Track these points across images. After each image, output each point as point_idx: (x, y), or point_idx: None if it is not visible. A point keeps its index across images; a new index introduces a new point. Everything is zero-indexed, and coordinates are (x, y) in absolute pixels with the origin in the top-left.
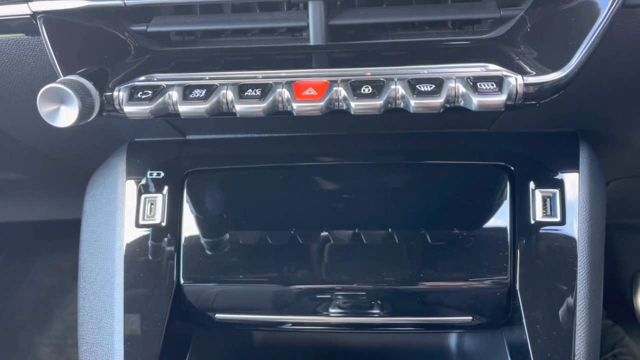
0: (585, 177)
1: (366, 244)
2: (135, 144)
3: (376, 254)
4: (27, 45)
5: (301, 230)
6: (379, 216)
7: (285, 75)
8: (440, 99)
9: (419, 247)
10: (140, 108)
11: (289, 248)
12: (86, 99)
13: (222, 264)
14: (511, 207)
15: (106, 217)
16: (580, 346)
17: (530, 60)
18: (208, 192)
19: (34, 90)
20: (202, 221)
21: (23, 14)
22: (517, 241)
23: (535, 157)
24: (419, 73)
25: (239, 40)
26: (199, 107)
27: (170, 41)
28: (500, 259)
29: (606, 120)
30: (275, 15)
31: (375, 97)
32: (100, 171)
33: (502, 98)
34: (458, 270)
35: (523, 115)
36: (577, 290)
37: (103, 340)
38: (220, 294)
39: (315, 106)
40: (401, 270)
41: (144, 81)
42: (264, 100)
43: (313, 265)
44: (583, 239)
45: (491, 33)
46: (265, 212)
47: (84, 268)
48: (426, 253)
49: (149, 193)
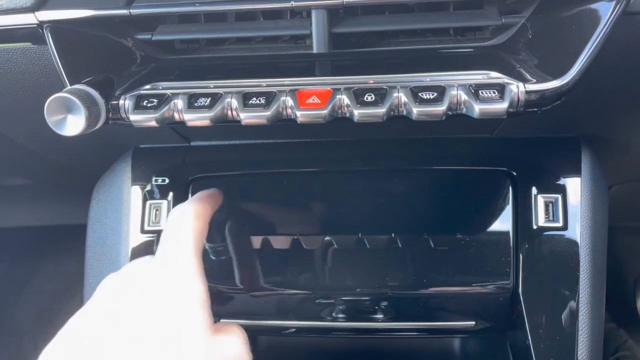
0: (587, 181)
1: (369, 249)
2: (140, 150)
3: (380, 259)
4: (33, 54)
5: (305, 236)
6: (382, 222)
7: (289, 83)
8: (443, 106)
9: (422, 252)
10: (145, 116)
11: (293, 253)
12: (93, 107)
13: (226, 270)
14: (514, 212)
15: (112, 223)
16: (583, 350)
17: (531, 68)
18: None
19: (41, 98)
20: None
21: (30, 23)
22: (520, 246)
23: (537, 163)
24: (422, 81)
25: (242, 48)
26: (204, 115)
27: (175, 49)
28: (503, 264)
29: (608, 125)
30: (278, 24)
31: (378, 104)
32: (105, 177)
33: (504, 106)
34: (461, 275)
35: (525, 120)
36: (580, 294)
37: None
38: (224, 300)
39: (319, 114)
40: (405, 275)
41: (149, 90)
42: (268, 109)
43: (317, 271)
44: (585, 244)
45: (493, 40)
46: (269, 218)
47: (89, 273)
48: (429, 258)
49: (154, 199)
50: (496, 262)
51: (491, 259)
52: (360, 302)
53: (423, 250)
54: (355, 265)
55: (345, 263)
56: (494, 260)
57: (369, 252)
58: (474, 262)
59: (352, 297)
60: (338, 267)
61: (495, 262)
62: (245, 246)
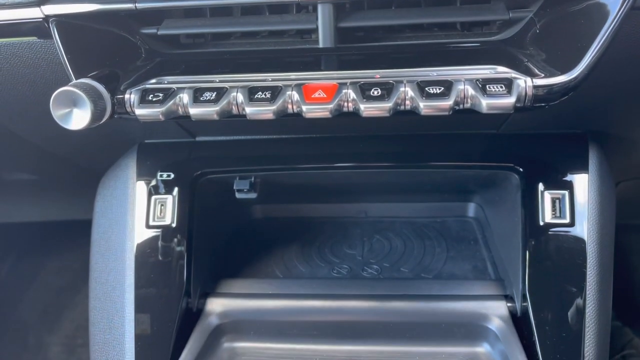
0: (594, 178)
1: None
2: (146, 145)
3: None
4: (39, 49)
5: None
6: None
7: (295, 78)
8: (450, 101)
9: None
10: (151, 111)
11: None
12: (98, 102)
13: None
14: (520, 208)
15: (117, 218)
16: (589, 347)
17: (539, 63)
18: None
19: (46, 92)
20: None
21: (35, 18)
22: (526, 242)
23: (544, 159)
24: (428, 75)
25: (248, 42)
26: (210, 109)
27: (180, 44)
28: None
29: (615, 122)
30: (284, 18)
31: (385, 99)
32: (110, 172)
33: (511, 100)
34: (463, 271)
35: (532, 116)
36: (587, 292)
37: (114, 340)
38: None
39: (325, 108)
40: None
41: (154, 84)
42: (273, 103)
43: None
44: (592, 241)
45: (500, 35)
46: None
47: (94, 269)
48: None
49: (159, 194)
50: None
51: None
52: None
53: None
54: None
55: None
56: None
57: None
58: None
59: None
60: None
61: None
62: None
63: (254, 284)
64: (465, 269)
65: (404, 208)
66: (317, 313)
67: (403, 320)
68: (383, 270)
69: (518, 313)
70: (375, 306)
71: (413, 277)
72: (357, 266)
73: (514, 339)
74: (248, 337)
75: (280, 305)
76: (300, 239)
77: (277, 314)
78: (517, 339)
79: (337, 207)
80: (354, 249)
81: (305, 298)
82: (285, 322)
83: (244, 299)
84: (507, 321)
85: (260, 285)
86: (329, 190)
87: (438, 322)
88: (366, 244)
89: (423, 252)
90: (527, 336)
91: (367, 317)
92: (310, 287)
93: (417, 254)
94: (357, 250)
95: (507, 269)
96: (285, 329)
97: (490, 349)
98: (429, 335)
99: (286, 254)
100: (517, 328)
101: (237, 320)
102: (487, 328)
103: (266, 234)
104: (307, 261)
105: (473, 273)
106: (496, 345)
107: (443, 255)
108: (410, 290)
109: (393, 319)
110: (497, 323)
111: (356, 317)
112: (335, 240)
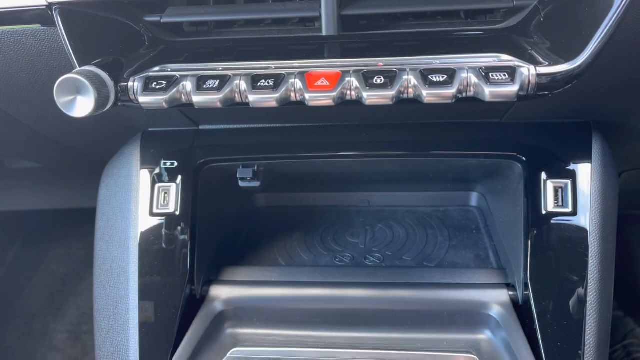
0: (597, 168)
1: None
2: (149, 133)
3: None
4: (43, 36)
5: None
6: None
7: (298, 66)
8: (453, 89)
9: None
10: (154, 98)
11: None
12: (102, 89)
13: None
14: (523, 197)
15: (121, 206)
16: (590, 336)
17: (543, 51)
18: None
19: (50, 80)
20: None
21: (39, 5)
22: (529, 231)
23: (547, 148)
24: (432, 63)
25: (251, 30)
26: (213, 97)
27: (183, 32)
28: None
29: (619, 111)
30: (287, 6)
31: (388, 87)
32: (114, 160)
33: (514, 89)
34: (465, 260)
35: (536, 105)
36: (588, 281)
37: (119, 326)
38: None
39: (328, 96)
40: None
41: (158, 72)
42: (276, 91)
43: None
44: (595, 230)
45: (504, 23)
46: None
47: (99, 256)
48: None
49: (162, 182)
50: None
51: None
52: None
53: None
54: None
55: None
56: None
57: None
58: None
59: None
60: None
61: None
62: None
63: (257, 272)
64: (467, 258)
65: (406, 197)
66: (320, 300)
67: (405, 308)
68: (385, 258)
69: (520, 301)
70: (377, 294)
71: (415, 265)
72: (359, 254)
73: (516, 326)
74: (250, 324)
75: (282, 293)
76: (303, 227)
77: (280, 301)
78: (519, 326)
79: (339, 196)
80: (357, 237)
81: (307, 286)
82: (288, 310)
83: (247, 287)
84: (508, 309)
85: (263, 273)
86: (332, 179)
87: (440, 309)
88: (369, 232)
89: (425, 241)
90: (528, 324)
91: (369, 305)
92: (312, 275)
93: (419, 242)
94: (360, 239)
95: (509, 257)
96: (287, 316)
97: (492, 336)
98: (431, 323)
99: (289, 242)
100: (519, 316)
101: (240, 307)
102: (489, 316)
103: (269, 222)
104: (310, 249)
105: (475, 262)
106: (498, 333)
107: (445, 244)
108: (413, 278)
109: (395, 306)
110: (499, 311)
111: (358, 305)
112: (338, 229)
